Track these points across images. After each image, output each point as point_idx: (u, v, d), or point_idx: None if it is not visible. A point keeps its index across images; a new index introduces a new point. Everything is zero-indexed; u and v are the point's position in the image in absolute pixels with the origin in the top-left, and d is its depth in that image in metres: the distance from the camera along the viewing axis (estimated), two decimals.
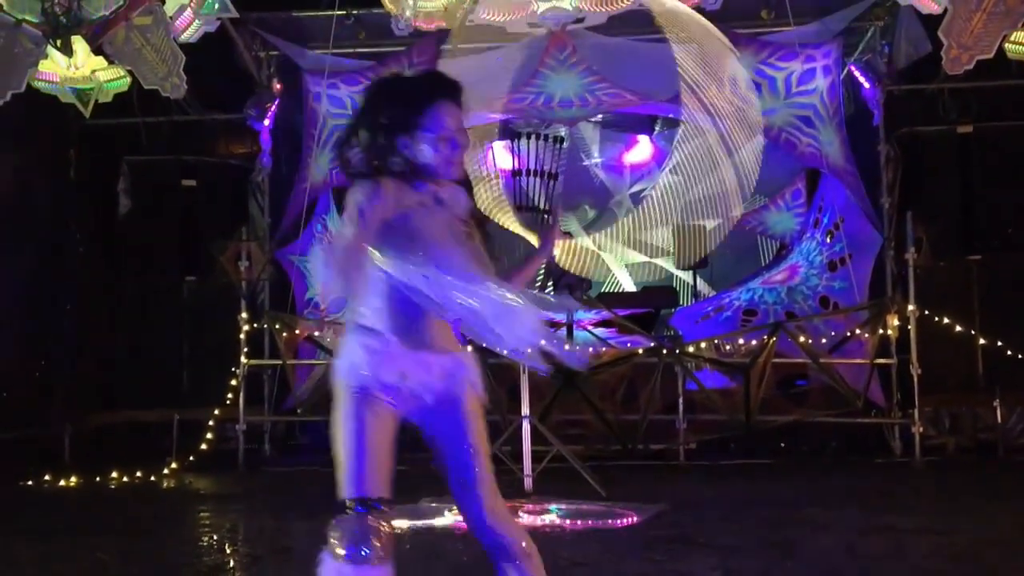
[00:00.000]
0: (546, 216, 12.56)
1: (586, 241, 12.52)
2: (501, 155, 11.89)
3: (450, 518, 5.34)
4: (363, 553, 2.33)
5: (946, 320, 8.60)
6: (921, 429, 8.06)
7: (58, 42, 7.39)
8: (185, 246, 9.83)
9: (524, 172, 12.05)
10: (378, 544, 2.34)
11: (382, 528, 2.36)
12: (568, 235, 11.72)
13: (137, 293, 9.89)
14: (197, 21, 7.76)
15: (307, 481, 7.73)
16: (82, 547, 5.05)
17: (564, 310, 2.64)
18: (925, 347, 8.15)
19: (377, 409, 2.44)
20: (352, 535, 2.34)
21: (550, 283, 10.99)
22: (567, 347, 2.71)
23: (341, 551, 2.34)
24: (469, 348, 2.73)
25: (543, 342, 2.43)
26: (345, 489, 2.39)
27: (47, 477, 7.53)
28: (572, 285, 10.47)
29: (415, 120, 2.52)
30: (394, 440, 2.47)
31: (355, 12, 8.80)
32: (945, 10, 7.30)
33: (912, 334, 8.11)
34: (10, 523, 5.98)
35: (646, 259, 12.67)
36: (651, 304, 10.38)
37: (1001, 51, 7.47)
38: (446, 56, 9.08)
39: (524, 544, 2.46)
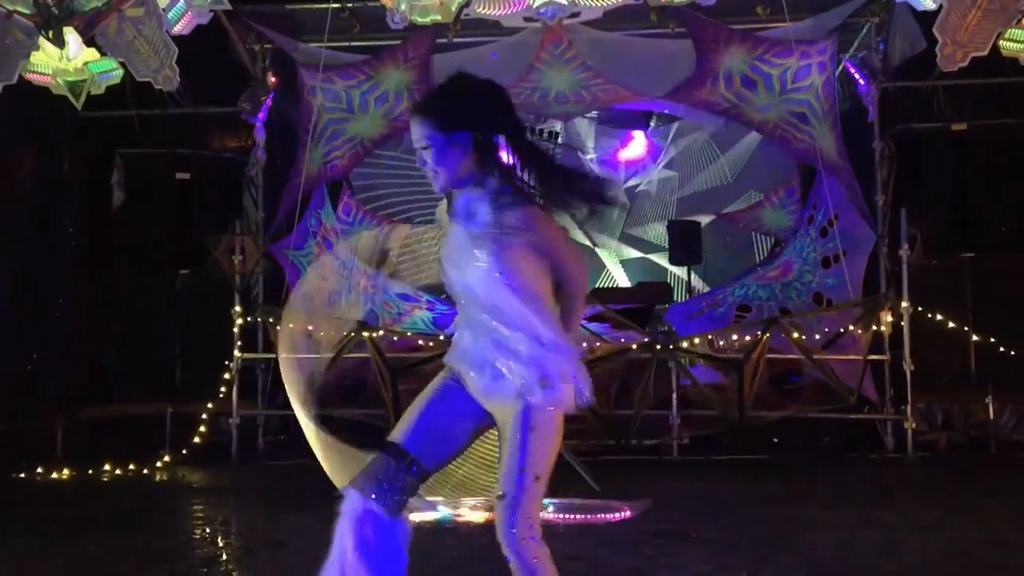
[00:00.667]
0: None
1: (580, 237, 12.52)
2: None
3: (443, 512, 5.34)
4: (388, 500, 2.49)
5: (939, 317, 8.62)
6: (914, 425, 8.08)
7: (50, 33, 7.34)
8: (179, 239, 9.80)
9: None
10: (399, 497, 2.50)
11: (408, 484, 2.51)
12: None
13: (130, 286, 9.86)
14: (189, 13, 7.72)
15: (300, 475, 7.72)
16: (75, 540, 5.04)
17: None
18: (918, 343, 8.17)
19: (447, 385, 2.61)
20: (379, 476, 2.49)
21: None
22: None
23: (366, 486, 2.49)
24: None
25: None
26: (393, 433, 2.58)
27: (39, 470, 7.51)
28: None
29: None
30: (454, 418, 2.58)
31: (350, 5, 8.77)
32: (940, 7, 7.30)
33: (905, 330, 8.12)
34: (2, 516, 5.96)
35: (640, 255, 12.70)
36: (645, 300, 10.38)
37: (995, 48, 7.47)
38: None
39: (509, 561, 2.47)
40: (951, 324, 8.64)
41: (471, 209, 2.55)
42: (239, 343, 8.58)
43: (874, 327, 8.21)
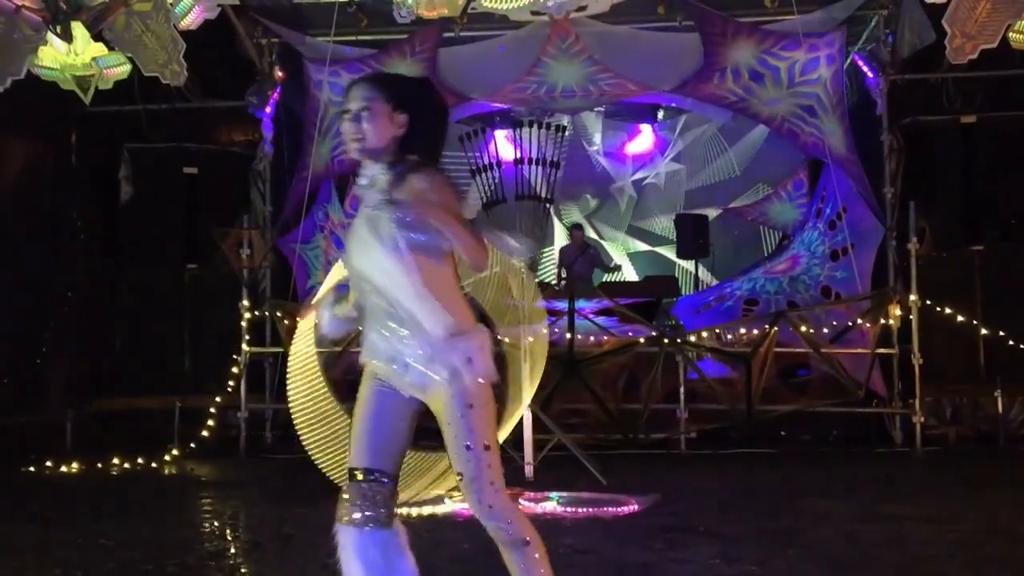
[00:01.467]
0: (547, 205, 12.59)
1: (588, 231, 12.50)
2: (503, 144, 11.89)
3: (451, 505, 5.36)
4: (377, 517, 2.54)
5: (948, 310, 8.59)
6: (922, 419, 8.07)
7: (58, 28, 7.35)
8: (187, 234, 9.81)
9: (526, 161, 12.04)
10: (384, 510, 2.55)
11: (386, 494, 2.55)
12: (581, 227, 11.75)
13: (138, 280, 9.88)
14: (197, 7, 7.72)
15: (308, 468, 7.71)
16: (84, 533, 5.06)
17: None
18: (927, 337, 8.15)
19: (376, 391, 2.61)
20: (359, 502, 2.55)
21: (563, 272, 11.00)
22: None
23: (353, 516, 2.54)
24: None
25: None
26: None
27: (48, 463, 7.54)
28: (581, 275, 10.51)
29: None
30: (394, 418, 2.60)
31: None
32: None
33: (914, 324, 8.11)
34: (11, 509, 5.99)
35: (648, 248, 12.68)
36: (653, 293, 10.39)
37: (1005, 40, 7.43)
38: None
39: (507, 535, 2.51)
40: (960, 317, 8.61)
41: (375, 180, 2.56)
42: (247, 337, 8.60)
43: (882, 321, 8.20)
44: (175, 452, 8.00)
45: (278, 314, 8.70)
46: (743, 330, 8.57)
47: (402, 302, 2.50)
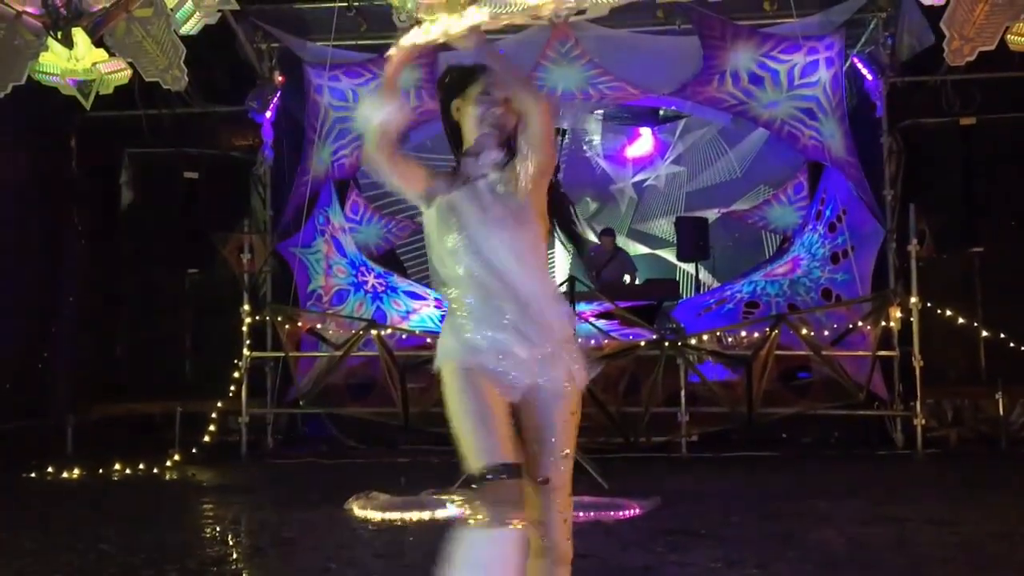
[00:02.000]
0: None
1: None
2: None
3: (452, 510, 5.35)
4: (505, 517, 2.30)
5: (948, 312, 8.58)
6: (923, 421, 8.06)
7: (59, 34, 7.36)
8: (187, 238, 9.81)
9: None
10: (515, 509, 2.32)
11: (516, 492, 2.32)
12: None
13: (139, 285, 9.89)
14: (198, 13, 7.74)
15: (309, 473, 7.76)
16: (85, 538, 5.07)
17: None
18: (927, 339, 8.14)
19: (476, 384, 2.41)
20: (491, 500, 2.30)
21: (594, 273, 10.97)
22: None
23: (484, 517, 2.30)
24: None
25: None
26: (474, 461, 2.35)
27: (49, 469, 7.54)
28: (612, 280, 10.46)
29: None
30: (507, 414, 2.43)
31: (356, 4, 8.79)
32: (947, 1, 7.26)
33: (914, 326, 8.10)
34: (13, 515, 5.99)
35: (648, 250, 12.69)
36: (653, 296, 10.39)
37: (1003, 42, 7.43)
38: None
39: (565, 550, 2.45)
40: (960, 319, 8.61)
41: (499, 161, 2.57)
42: (248, 342, 8.60)
43: (883, 323, 8.19)
44: (176, 457, 8.00)
45: (279, 319, 8.71)
46: (744, 333, 8.58)
47: (536, 293, 2.44)
